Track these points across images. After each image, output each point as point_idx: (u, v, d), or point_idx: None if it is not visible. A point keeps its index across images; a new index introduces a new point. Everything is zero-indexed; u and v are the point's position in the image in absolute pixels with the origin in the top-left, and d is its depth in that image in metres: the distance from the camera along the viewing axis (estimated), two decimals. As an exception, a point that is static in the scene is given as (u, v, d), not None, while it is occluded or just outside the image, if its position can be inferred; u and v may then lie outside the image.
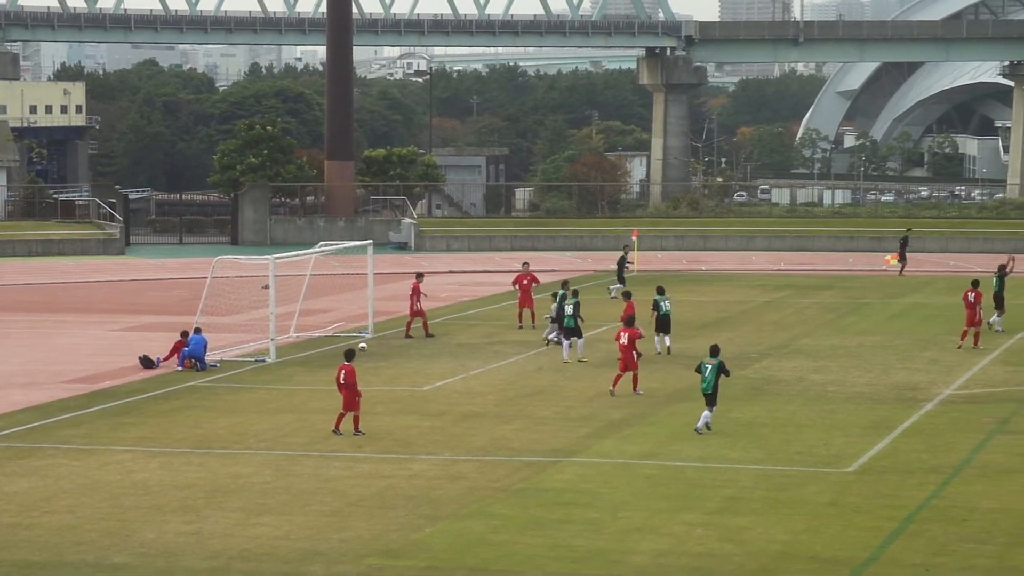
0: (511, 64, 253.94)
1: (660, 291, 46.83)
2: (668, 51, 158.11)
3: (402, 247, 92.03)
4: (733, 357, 45.29)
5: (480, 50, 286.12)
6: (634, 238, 78.04)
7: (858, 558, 24.03)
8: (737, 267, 76.87)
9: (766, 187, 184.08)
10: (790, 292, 64.78)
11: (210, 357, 44.76)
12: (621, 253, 64.21)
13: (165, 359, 44.71)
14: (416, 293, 51.09)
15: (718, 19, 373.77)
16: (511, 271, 64.07)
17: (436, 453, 32.25)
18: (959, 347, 46.76)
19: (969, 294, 47.38)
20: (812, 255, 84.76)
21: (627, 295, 46.00)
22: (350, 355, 34.85)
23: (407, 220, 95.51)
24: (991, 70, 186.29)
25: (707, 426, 33.93)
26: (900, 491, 28.38)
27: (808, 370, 43.16)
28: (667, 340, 46.29)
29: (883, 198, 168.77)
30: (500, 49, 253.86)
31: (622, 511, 27.05)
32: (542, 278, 59.00)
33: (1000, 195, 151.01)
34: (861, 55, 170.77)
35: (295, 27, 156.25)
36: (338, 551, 24.67)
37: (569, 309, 45.24)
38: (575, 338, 45.08)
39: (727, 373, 34.32)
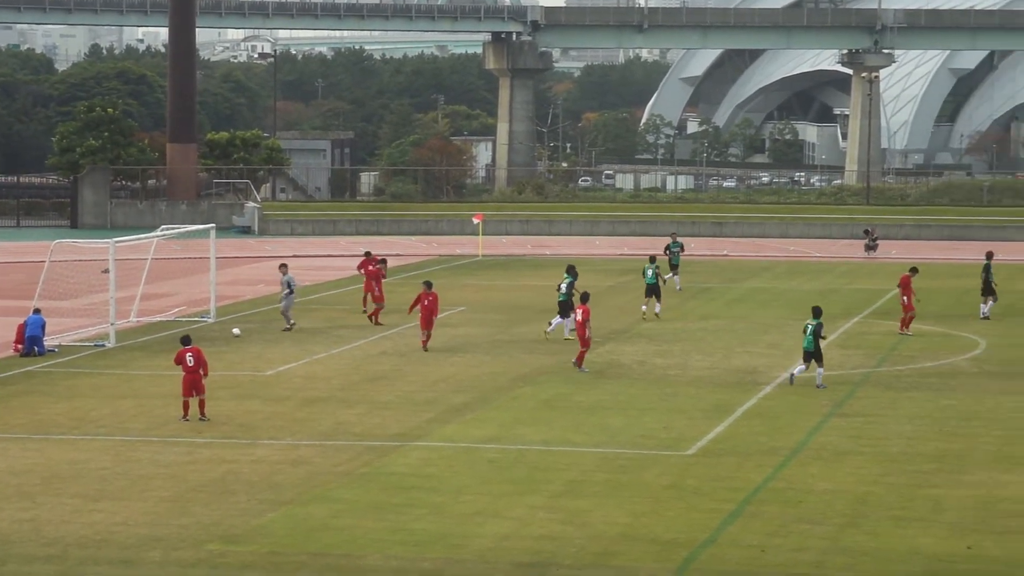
0: (356, 48, 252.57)
1: (570, 271, 47.68)
2: (514, 36, 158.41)
3: (245, 231, 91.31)
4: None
5: (325, 33, 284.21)
6: (477, 221, 78.26)
7: (697, 540, 24.31)
8: (581, 252, 77.33)
9: (610, 172, 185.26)
10: (633, 277, 65.16)
11: (49, 342, 44.09)
12: (668, 240, 62.63)
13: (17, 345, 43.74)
14: (378, 279, 50.52)
15: (563, 4, 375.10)
16: (355, 255, 63.87)
17: (279, 438, 32.09)
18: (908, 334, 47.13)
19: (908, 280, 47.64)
20: (655, 240, 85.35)
21: (427, 284, 45.48)
22: (187, 340, 34.49)
23: (251, 204, 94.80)
24: (830, 58, 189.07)
25: (794, 377, 38.00)
26: (738, 473, 28.77)
27: (650, 354, 43.56)
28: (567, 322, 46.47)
29: (725, 184, 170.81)
30: (345, 32, 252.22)
31: (465, 495, 27.12)
32: (388, 262, 58.77)
33: (838, 181, 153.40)
34: (704, 42, 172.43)
35: (137, 8, 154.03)
36: (177, 537, 24.45)
37: (563, 288, 46.11)
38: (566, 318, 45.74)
39: (821, 335, 37.66)
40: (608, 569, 22.88)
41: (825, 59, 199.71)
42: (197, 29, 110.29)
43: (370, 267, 52.91)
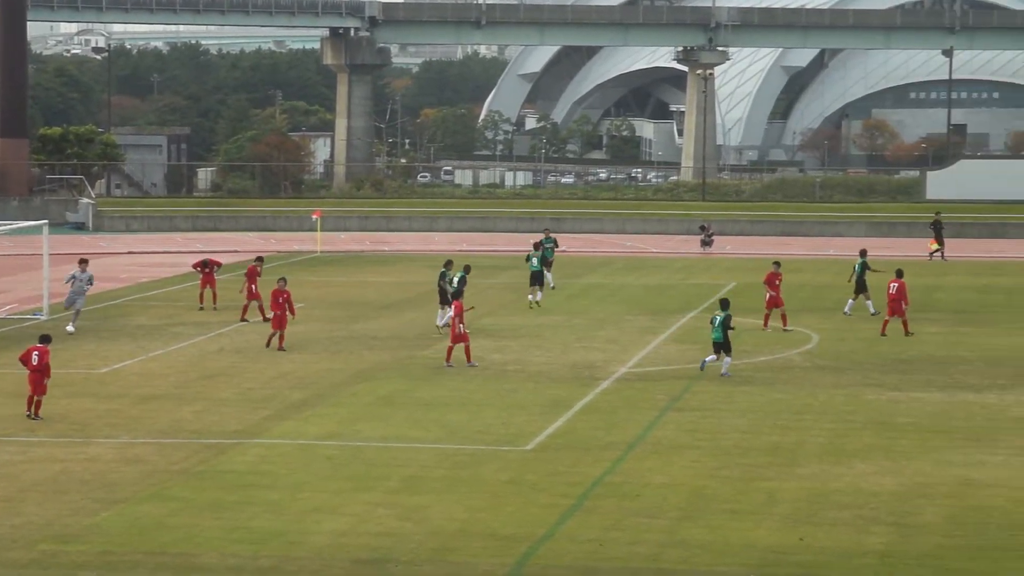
0: (193, 42, 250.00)
1: (448, 265, 47.79)
2: (352, 31, 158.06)
3: (80, 227, 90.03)
4: (415, 338, 45.66)
5: (161, 27, 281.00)
6: (315, 217, 77.94)
7: (535, 535, 24.42)
8: (420, 248, 77.31)
9: (449, 168, 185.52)
10: (472, 272, 65.29)
11: None
12: (541, 236, 60.63)
13: None
14: (252, 276, 49.87)
15: (401, 0, 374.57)
16: (192, 252, 63.29)
17: (114, 436, 31.69)
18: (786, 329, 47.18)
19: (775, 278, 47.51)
20: (494, 236, 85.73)
21: (282, 280, 45.16)
22: (45, 339, 33.97)
23: (85, 200, 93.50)
24: (666, 55, 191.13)
25: (706, 365, 39.09)
26: (576, 468, 28.95)
27: (489, 350, 43.65)
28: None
29: (563, 180, 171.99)
30: (181, 27, 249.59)
31: (302, 492, 27.00)
32: (224, 259, 58.46)
33: (674, 178, 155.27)
34: (541, 38, 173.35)
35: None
36: (9, 537, 24.06)
37: (455, 281, 46.33)
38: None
39: (730, 326, 38.69)
40: (446, 564, 22.92)
41: (661, 56, 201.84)
42: (28, 22, 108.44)
43: (206, 270, 52.84)
